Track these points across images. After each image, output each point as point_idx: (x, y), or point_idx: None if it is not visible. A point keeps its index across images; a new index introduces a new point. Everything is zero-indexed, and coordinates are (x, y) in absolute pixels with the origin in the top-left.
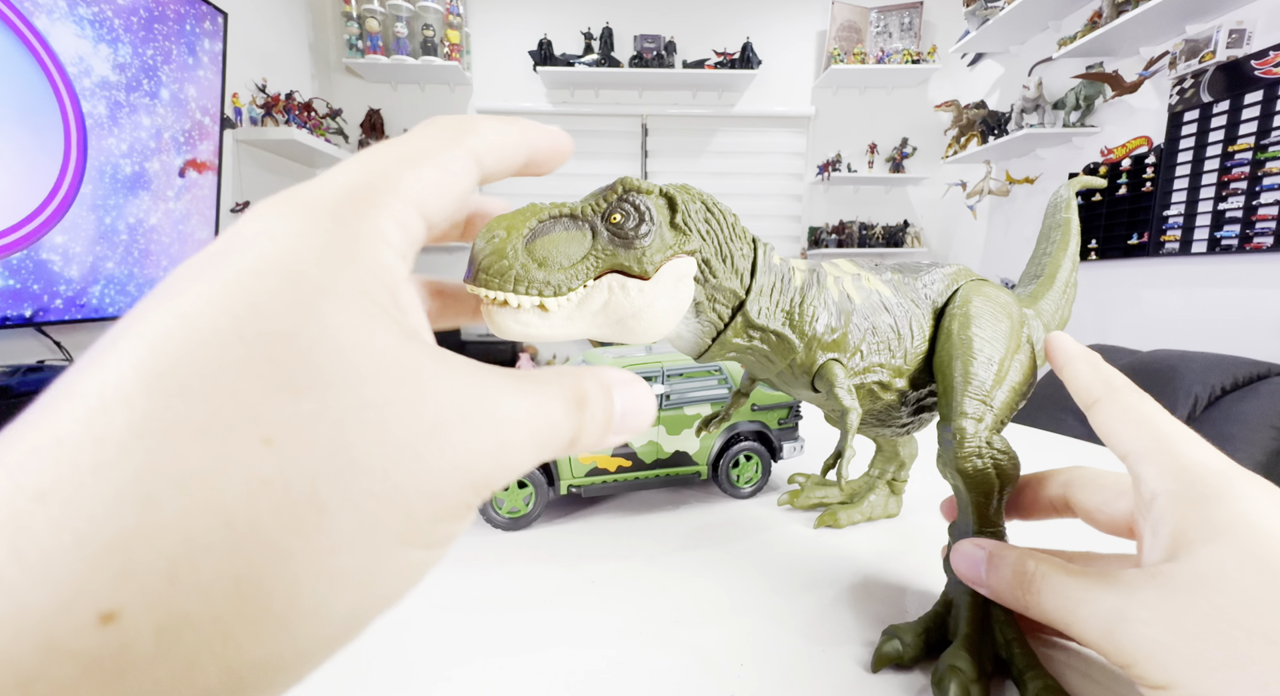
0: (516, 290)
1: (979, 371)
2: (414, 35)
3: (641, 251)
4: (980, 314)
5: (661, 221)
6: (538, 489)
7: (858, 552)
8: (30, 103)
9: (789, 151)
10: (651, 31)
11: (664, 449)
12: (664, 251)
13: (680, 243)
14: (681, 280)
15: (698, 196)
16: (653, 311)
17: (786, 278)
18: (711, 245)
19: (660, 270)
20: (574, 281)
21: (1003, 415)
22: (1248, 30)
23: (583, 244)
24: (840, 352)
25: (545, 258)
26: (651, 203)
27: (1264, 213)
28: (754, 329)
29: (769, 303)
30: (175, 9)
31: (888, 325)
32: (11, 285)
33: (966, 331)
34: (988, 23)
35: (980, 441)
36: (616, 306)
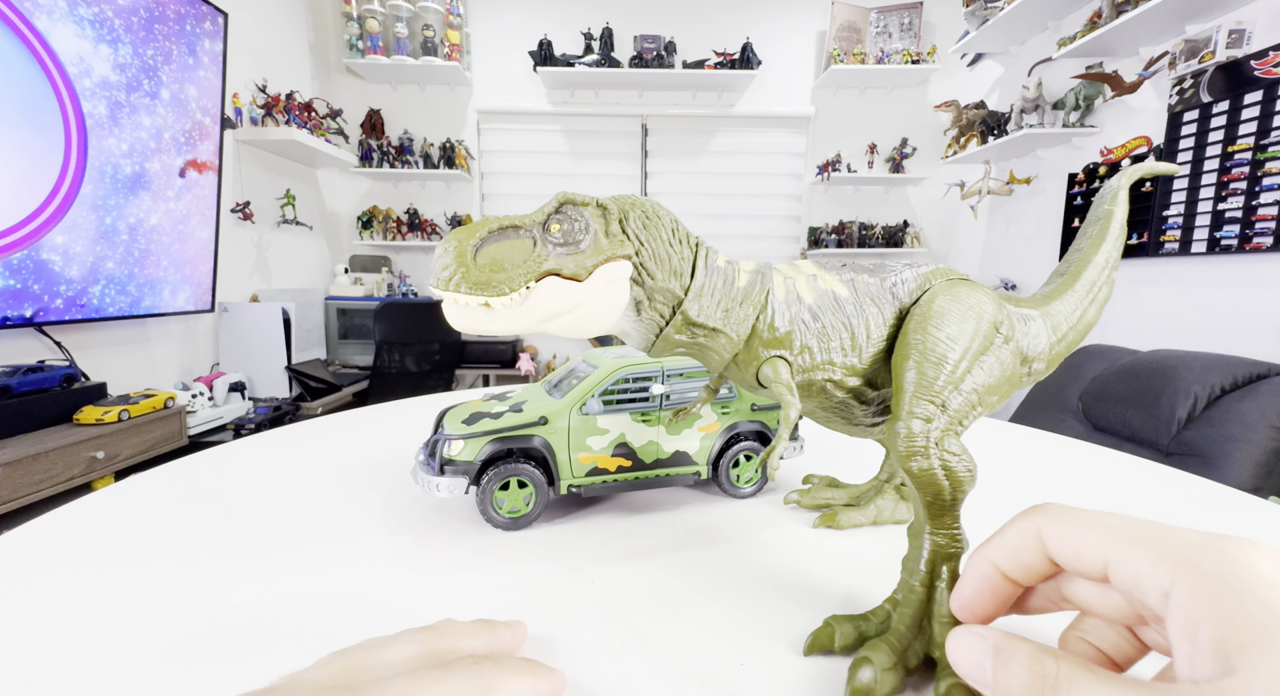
0: (462, 290)
1: (929, 372)
2: (414, 35)
3: (576, 256)
4: (940, 314)
5: (597, 229)
6: (538, 489)
7: (858, 555)
8: (30, 103)
9: (789, 152)
10: (651, 32)
11: (664, 449)
12: (597, 256)
13: (614, 248)
14: (615, 281)
15: (638, 205)
16: (586, 309)
17: (730, 278)
18: (649, 250)
19: (594, 273)
20: (515, 283)
21: (959, 417)
22: (1247, 30)
23: (525, 251)
24: (784, 349)
25: (491, 263)
26: (586, 213)
27: (1263, 213)
28: (694, 326)
29: (709, 301)
30: (175, 9)
31: (840, 324)
32: (12, 285)
33: (921, 332)
34: (987, 23)
35: (927, 442)
36: (553, 305)
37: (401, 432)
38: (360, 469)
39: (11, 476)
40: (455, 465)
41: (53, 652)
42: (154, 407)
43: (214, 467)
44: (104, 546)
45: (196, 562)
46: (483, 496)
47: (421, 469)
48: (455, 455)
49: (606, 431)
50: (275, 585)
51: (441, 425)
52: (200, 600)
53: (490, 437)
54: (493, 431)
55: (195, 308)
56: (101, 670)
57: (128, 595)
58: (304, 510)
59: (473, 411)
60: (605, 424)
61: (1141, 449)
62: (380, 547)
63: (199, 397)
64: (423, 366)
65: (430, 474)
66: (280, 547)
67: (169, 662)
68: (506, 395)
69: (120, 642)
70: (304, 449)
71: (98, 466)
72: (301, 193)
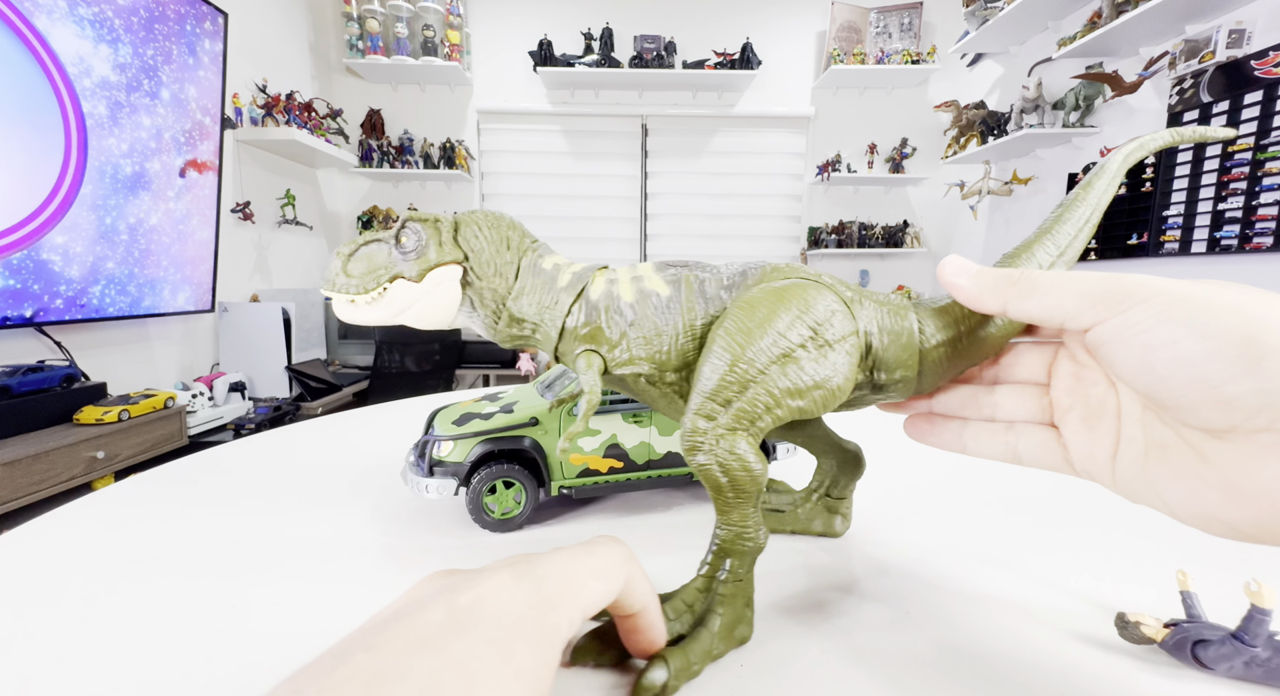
0: (333, 290)
1: (708, 370)
2: (414, 35)
3: (415, 263)
4: (740, 310)
5: (430, 240)
6: (528, 490)
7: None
8: (30, 103)
9: (789, 152)
10: (651, 32)
11: (655, 449)
12: (428, 262)
13: (444, 255)
14: (444, 283)
15: (471, 219)
16: (422, 305)
17: (552, 279)
18: (477, 256)
19: (426, 276)
20: (370, 284)
21: (749, 418)
22: (1247, 30)
23: (381, 258)
24: (597, 344)
25: (357, 268)
26: (421, 227)
27: (1263, 213)
28: (517, 321)
29: (529, 300)
30: (175, 9)
31: (656, 321)
32: (12, 285)
33: (716, 328)
34: (987, 23)
35: (706, 439)
36: (397, 302)
37: (402, 433)
38: (360, 469)
39: (11, 476)
40: (445, 466)
41: (52, 652)
42: (154, 407)
43: (214, 468)
44: (104, 546)
45: (196, 563)
46: (473, 498)
47: (411, 470)
48: (445, 456)
49: (598, 432)
50: (274, 585)
51: (432, 426)
52: (199, 600)
53: (480, 439)
54: (483, 432)
55: (195, 308)
56: (101, 670)
57: (127, 595)
58: (304, 510)
59: (463, 412)
60: (596, 424)
61: None
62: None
63: (199, 397)
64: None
65: (420, 475)
66: (279, 548)
67: (168, 662)
68: (498, 395)
69: (120, 642)
70: (304, 449)
71: (98, 466)
72: (301, 193)
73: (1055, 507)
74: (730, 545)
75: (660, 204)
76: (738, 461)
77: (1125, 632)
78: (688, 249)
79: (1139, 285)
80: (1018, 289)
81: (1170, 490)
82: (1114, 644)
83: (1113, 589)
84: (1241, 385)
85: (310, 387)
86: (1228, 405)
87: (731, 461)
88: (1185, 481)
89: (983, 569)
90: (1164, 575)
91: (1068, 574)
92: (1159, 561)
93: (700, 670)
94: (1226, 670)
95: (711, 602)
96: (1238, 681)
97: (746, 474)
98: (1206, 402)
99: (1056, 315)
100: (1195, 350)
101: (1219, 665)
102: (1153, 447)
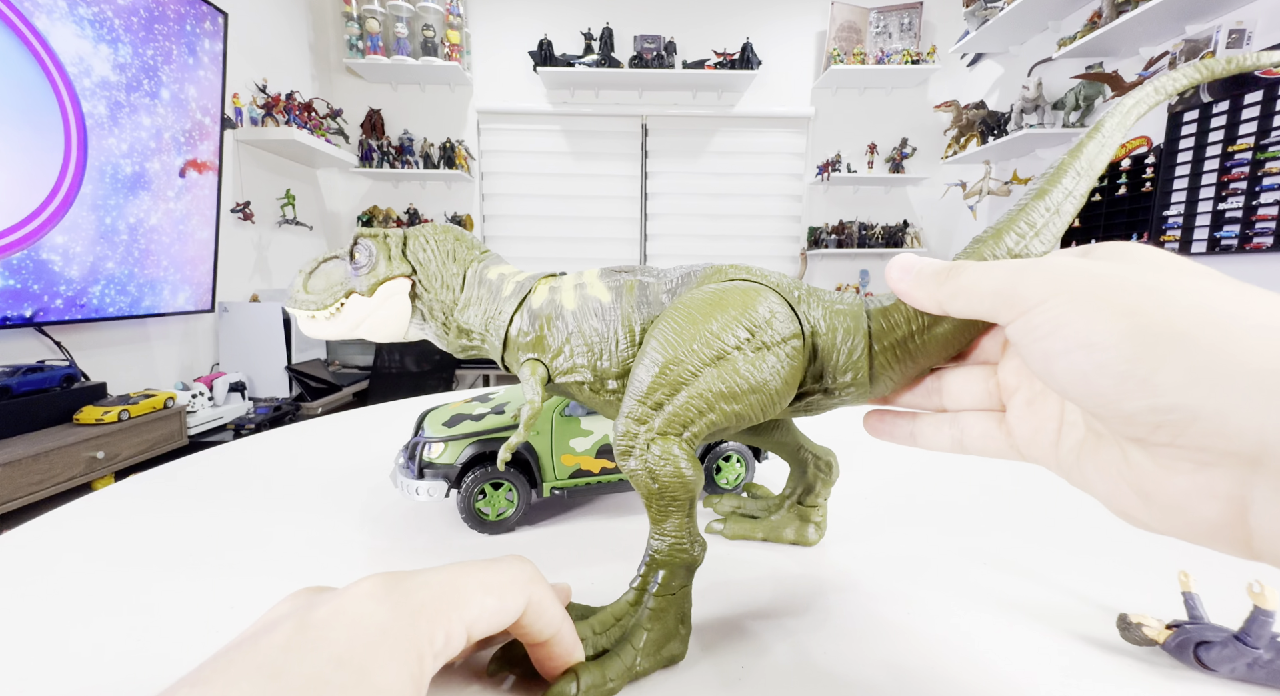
0: (294, 307)
1: (639, 373)
2: (414, 35)
3: (366, 278)
4: (674, 312)
5: (380, 255)
6: (519, 490)
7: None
8: (30, 103)
9: (789, 152)
10: (651, 32)
11: None
12: (377, 277)
13: (390, 270)
14: (393, 296)
15: (419, 234)
16: (373, 319)
17: (496, 290)
18: (425, 270)
19: (377, 290)
20: (328, 299)
21: (681, 421)
22: (1247, 30)
23: (339, 275)
24: (539, 353)
25: (316, 285)
26: (371, 243)
27: (1264, 213)
28: (465, 332)
29: (475, 310)
30: (175, 9)
31: (596, 329)
32: (12, 285)
33: (652, 332)
34: (987, 23)
35: (635, 443)
36: (353, 316)
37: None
38: (359, 469)
39: (11, 476)
40: (435, 468)
41: (52, 652)
42: (154, 407)
43: (213, 468)
44: (103, 546)
45: (195, 563)
46: (464, 500)
47: (401, 472)
48: (435, 458)
49: (590, 433)
50: (273, 586)
51: (421, 428)
52: (199, 600)
53: (471, 440)
54: (474, 434)
55: (195, 308)
56: (100, 670)
57: (127, 595)
58: (304, 511)
59: (454, 413)
60: (589, 425)
61: None
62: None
63: (199, 397)
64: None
65: (410, 477)
66: (279, 548)
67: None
68: (489, 396)
69: (119, 642)
70: (304, 449)
71: (98, 466)
72: (301, 193)
73: (1054, 507)
74: (663, 556)
75: (660, 204)
76: (669, 467)
77: (1127, 634)
78: (688, 249)
79: (1038, 283)
80: (947, 288)
81: (1097, 482)
82: (1116, 645)
83: (1114, 590)
84: (1135, 402)
85: (310, 388)
86: (1128, 420)
87: (662, 467)
88: (1109, 478)
89: (982, 569)
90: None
91: (1069, 574)
92: (1161, 562)
93: (618, 688)
94: (1229, 671)
95: (640, 617)
96: (1240, 683)
97: (678, 480)
98: (1109, 415)
99: (980, 313)
100: (1085, 363)
101: (1221, 666)
102: (1090, 436)
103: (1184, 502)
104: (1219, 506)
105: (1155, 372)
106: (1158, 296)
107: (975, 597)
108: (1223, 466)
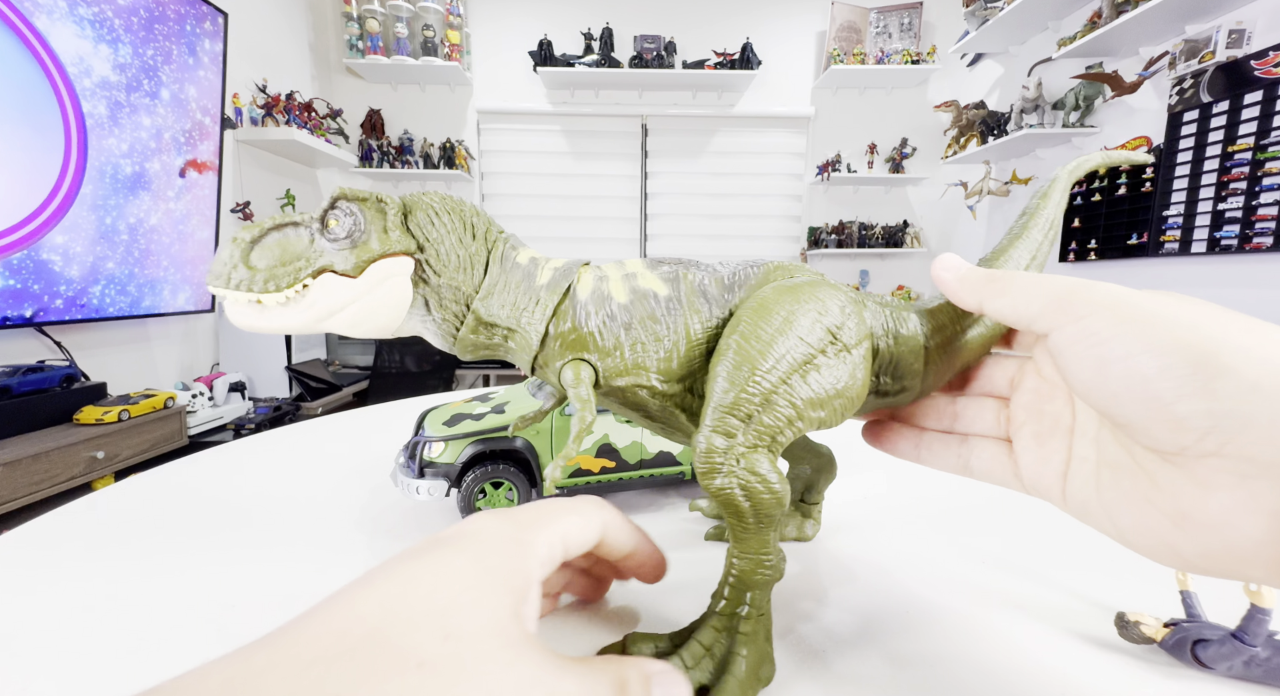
0: (226, 287)
1: (725, 382)
2: (414, 35)
3: (349, 252)
4: (758, 314)
5: (373, 226)
6: (519, 490)
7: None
8: (30, 103)
9: (789, 151)
10: (651, 31)
11: (648, 449)
12: (370, 252)
13: (390, 244)
14: (390, 279)
15: (425, 201)
16: (359, 306)
17: (530, 275)
18: (434, 246)
19: (367, 270)
20: (285, 279)
21: (770, 433)
22: (1247, 30)
23: (300, 247)
24: (587, 352)
25: (268, 260)
26: (361, 208)
27: (1263, 213)
28: (487, 326)
29: (503, 300)
30: (175, 9)
31: (655, 324)
32: (12, 285)
33: (733, 335)
34: (987, 23)
35: (726, 459)
36: (324, 302)
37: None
38: (359, 469)
39: (11, 476)
40: (436, 467)
41: (52, 652)
42: (154, 408)
43: (214, 468)
44: (103, 546)
45: (195, 563)
46: (465, 499)
47: (401, 471)
48: (436, 457)
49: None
50: (273, 587)
51: (422, 427)
52: (198, 601)
53: (471, 439)
54: (474, 433)
55: (195, 307)
56: (100, 670)
57: (126, 595)
58: (303, 511)
59: (454, 413)
60: None
61: None
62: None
63: (199, 398)
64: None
65: (410, 477)
66: (279, 549)
67: (167, 663)
68: (489, 396)
69: (119, 643)
70: (304, 449)
71: (98, 466)
72: (301, 193)
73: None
74: (748, 576)
75: (660, 204)
76: (761, 482)
77: (1125, 632)
78: (688, 249)
79: (1100, 293)
80: (994, 287)
81: (1121, 513)
82: (1113, 643)
83: (1112, 588)
84: (1192, 404)
85: (310, 387)
86: (1178, 425)
87: (755, 483)
88: (1136, 505)
89: (980, 568)
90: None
91: (1066, 573)
92: None
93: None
94: (1226, 669)
95: (733, 643)
96: (1238, 681)
97: (771, 496)
98: (1158, 421)
99: (1025, 315)
100: (1148, 365)
101: (1219, 664)
102: (1105, 467)
103: (1225, 519)
104: (1263, 522)
105: (1215, 379)
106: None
107: (974, 596)
108: (1268, 478)
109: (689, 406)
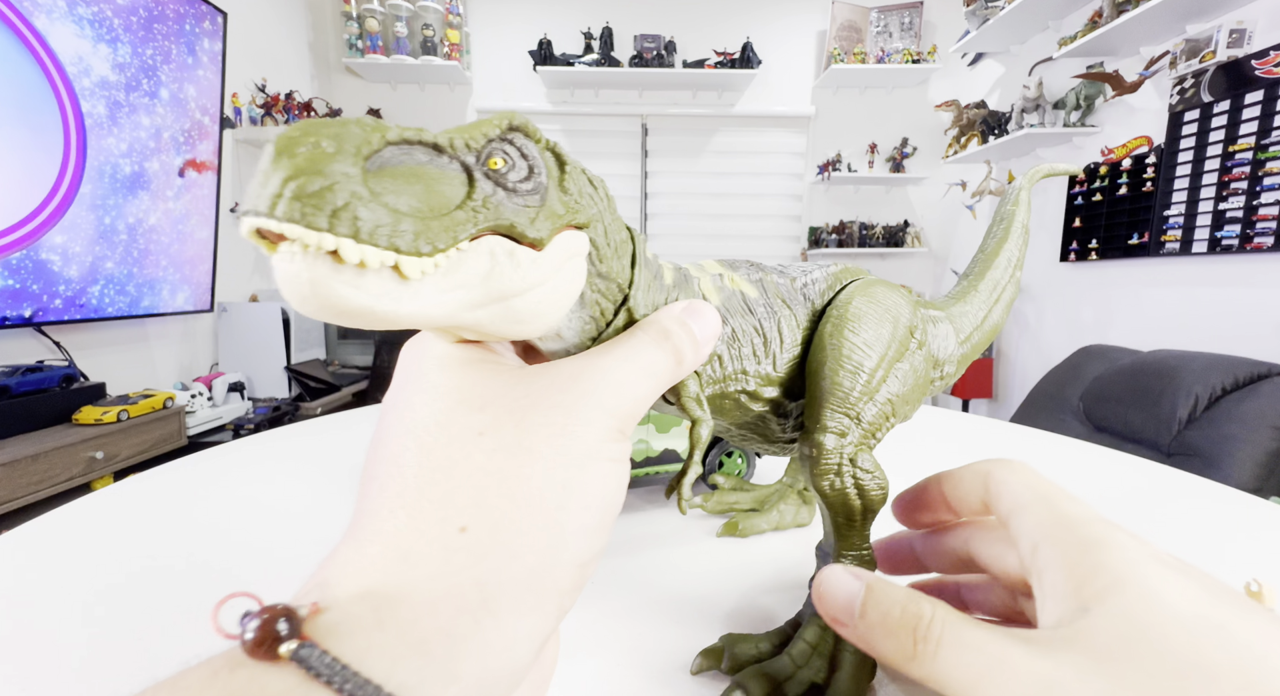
0: (360, 238)
1: (844, 381)
2: (414, 35)
3: (536, 212)
4: (858, 316)
5: (551, 181)
6: None
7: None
8: (30, 102)
9: (789, 151)
10: (651, 31)
11: (652, 447)
12: (556, 218)
13: (573, 212)
14: (574, 258)
15: (577, 165)
16: (542, 292)
17: (659, 274)
18: (599, 222)
19: (551, 240)
20: (444, 237)
21: (874, 430)
22: (1248, 30)
23: (455, 188)
24: None
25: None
26: (540, 154)
27: (1264, 212)
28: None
29: (647, 298)
30: (175, 9)
31: (751, 328)
32: (11, 285)
33: (838, 336)
34: (988, 22)
35: (841, 458)
36: (501, 280)
37: None
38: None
39: (11, 476)
40: None
41: (52, 653)
42: (153, 408)
43: (213, 468)
44: (103, 547)
45: (195, 564)
46: None
47: None
48: None
49: None
50: (273, 586)
51: None
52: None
53: None
54: None
55: (194, 308)
56: (101, 670)
57: (126, 596)
58: (302, 511)
59: None
60: None
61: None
62: None
63: (198, 398)
64: None
65: None
66: (279, 548)
67: (168, 663)
68: None
69: (119, 643)
70: (304, 449)
71: (97, 466)
72: None
73: None
74: None
75: (660, 203)
76: (872, 478)
77: None
78: (688, 249)
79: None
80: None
81: None
82: None
83: None
84: None
85: (309, 388)
86: None
87: (867, 480)
88: None
89: None
90: None
91: None
92: None
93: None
94: None
95: (839, 639)
96: None
97: (881, 491)
98: None
99: None
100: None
101: None
102: None
103: None
104: None
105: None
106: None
107: None
108: None
109: (784, 411)
